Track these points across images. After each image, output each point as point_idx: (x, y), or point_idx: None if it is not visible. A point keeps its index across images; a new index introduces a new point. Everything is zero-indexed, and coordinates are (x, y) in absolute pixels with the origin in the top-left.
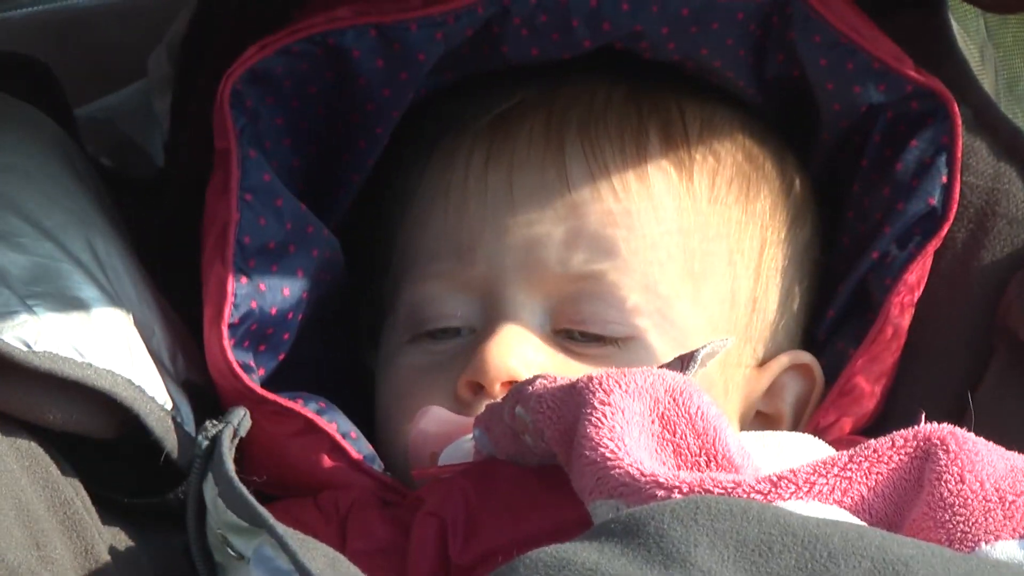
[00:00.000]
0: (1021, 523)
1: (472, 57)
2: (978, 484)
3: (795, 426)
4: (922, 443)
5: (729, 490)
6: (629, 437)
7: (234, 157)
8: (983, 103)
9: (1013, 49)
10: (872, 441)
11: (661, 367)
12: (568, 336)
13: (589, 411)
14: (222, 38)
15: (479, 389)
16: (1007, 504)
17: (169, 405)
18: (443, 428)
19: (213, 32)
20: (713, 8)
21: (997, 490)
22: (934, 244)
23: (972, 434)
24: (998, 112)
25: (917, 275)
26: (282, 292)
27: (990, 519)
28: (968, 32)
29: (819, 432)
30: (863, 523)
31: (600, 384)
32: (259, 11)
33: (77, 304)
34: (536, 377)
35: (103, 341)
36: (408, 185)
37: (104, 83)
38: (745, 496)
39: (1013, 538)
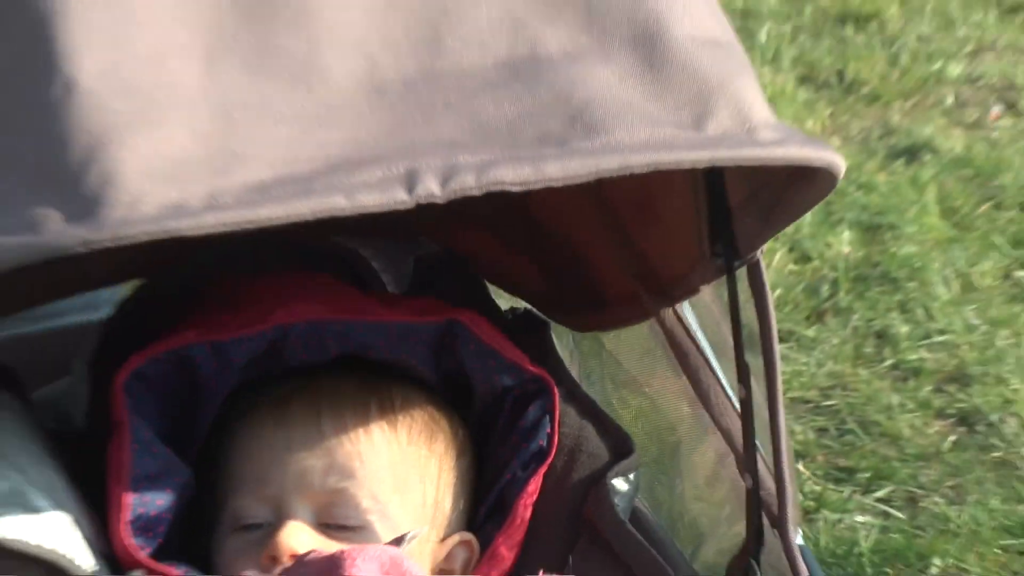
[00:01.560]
0: None
1: (265, 360)
2: None
3: None
4: None
5: None
6: None
7: (126, 424)
8: (571, 385)
9: (588, 354)
10: None
11: (385, 544)
12: (327, 527)
13: (342, 571)
14: (117, 354)
15: (275, 561)
16: None
17: (93, 567)
18: None
19: (112, 349)
20: (413, 330)
21: None
22: (543, 469)
23: None
24: (581, 391)
25: (534, 487)
26: (156, 503)
27: None
28: (562, 341)
29: None
30: None
31: (347, 554)
32: (142, 337)
33: (33, 510)
34: (310, 552)
35: (52, 531)
36: (228, 440)
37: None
38: None
39: None
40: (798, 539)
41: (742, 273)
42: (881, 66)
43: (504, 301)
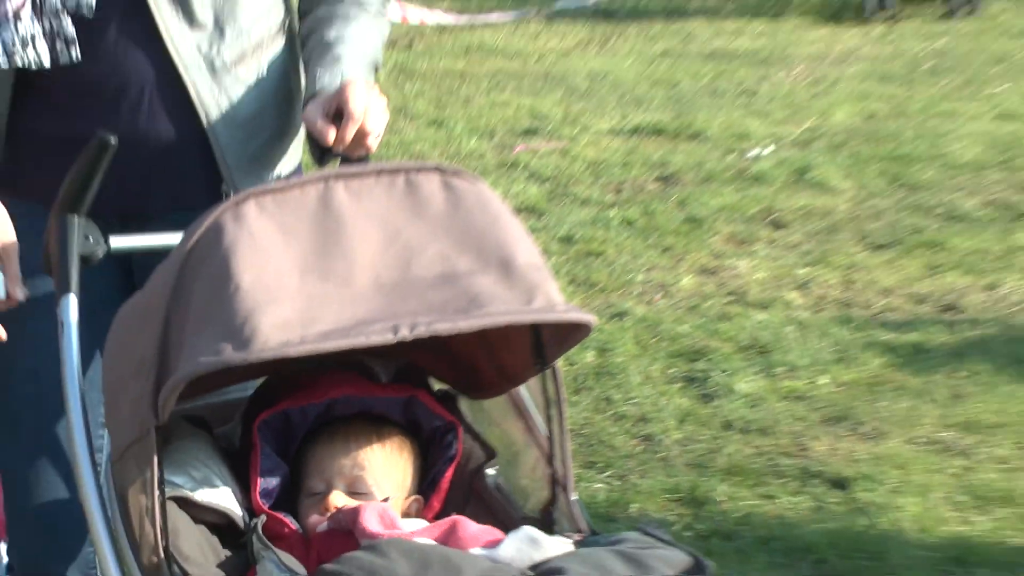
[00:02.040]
0: None
1: (325, 414)
2: None
3: None
4: None
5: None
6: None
7: (257, 445)
8: (467, 424)
9: (476, 408)
10: None
11: (380, 502)
12: (353, 494)
13: (359, 516)
14: (255, 412)
15: (327, 511)
16: None
17: (242, 516)
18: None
19: (253, 410)
20: (395, 401)
21: None
22: (454, 464)
23: None
24: (471, 426)
25: (449, 473)
26: (272, 483)
27: None
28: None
29: None
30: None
31: (361, 508)
32: (267, 403)
33: (215, 486)
34: (344, 506)
35: (224, 497)
36: (307, 452)
37: None
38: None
39: None
40: (574, 496)
41: (549, 372)
42: None
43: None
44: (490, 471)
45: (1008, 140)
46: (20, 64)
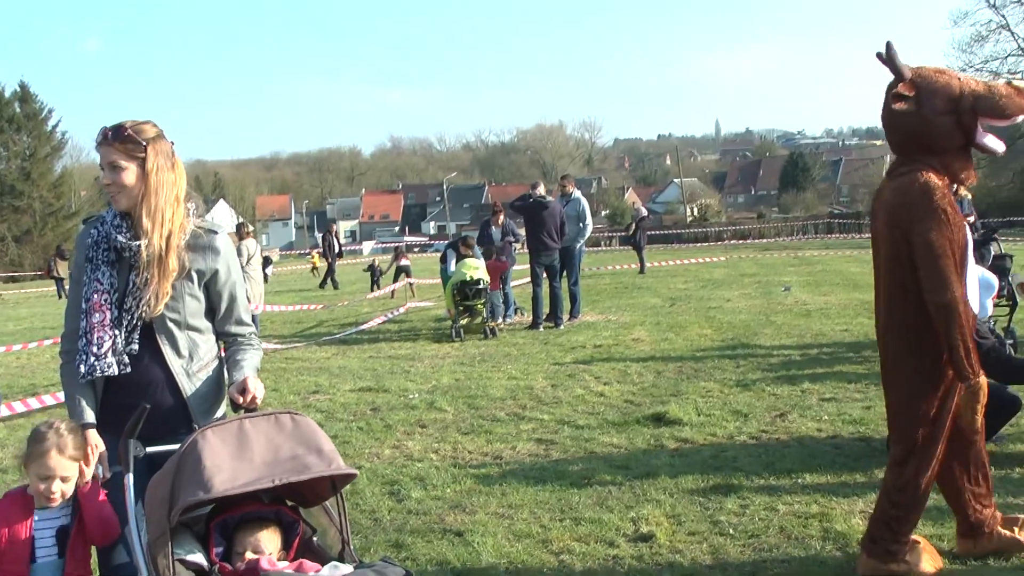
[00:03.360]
0: None
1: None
2: None
3: None
4: None
5: None
6: None
7: (212, 532)
8: (303, 522)
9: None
10: None
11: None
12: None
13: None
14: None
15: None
16: None
17: (208, 566)
18: None
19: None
20: (284, 516)
21: None
22: (298, 537)
23: None
24: (304, 521)
25: (297, 542)
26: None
27: None
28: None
29: None
30: None
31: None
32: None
33: (195, 552)
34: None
35: (199, 558)
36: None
37: None
38: None
39: None
40: (351, 547)
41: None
42: None
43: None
44: (314, 539)
45: (516, 387)
46: (102, 373)
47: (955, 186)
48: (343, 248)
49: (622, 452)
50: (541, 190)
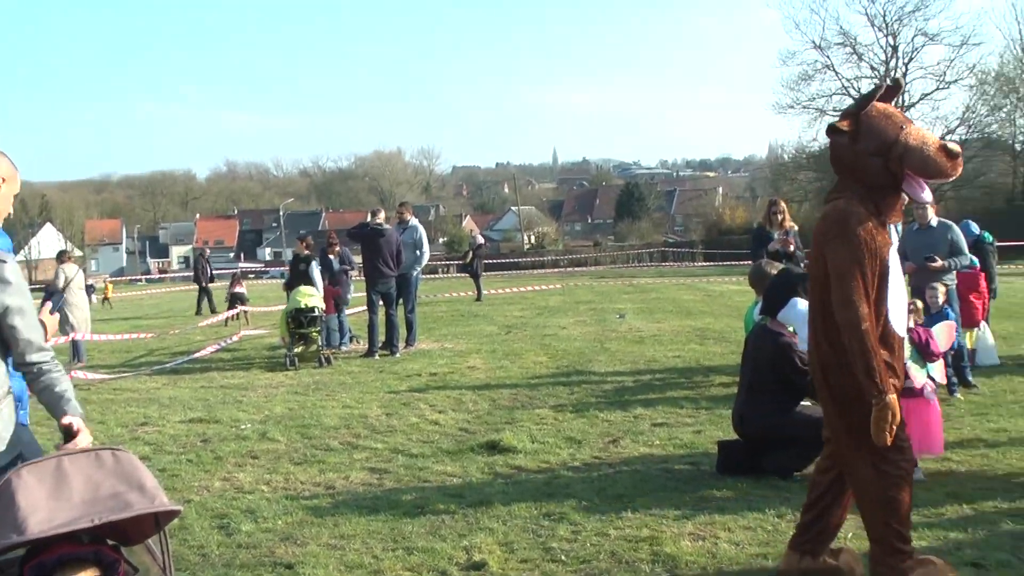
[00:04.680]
0: None
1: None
2: None
3: None
4: None
5: None
6: None
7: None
8: (127, 559)
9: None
10: None
11: None
12: None
13: None
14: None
15: None
16: None
17: None
18: None
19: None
20: (105, 555)
21: None
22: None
23: None
24: (128, 560)
25: None
26: None
27: None
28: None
29: None
30: None
31: None
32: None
33: None
34: None
35: None
36: None
37: None
38: None
39: None
40: None
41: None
42: None
43: None
44: None
45: (350, 416)
46: None
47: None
48: (214, 274)
49: (456, 480)
50: (381, 217)
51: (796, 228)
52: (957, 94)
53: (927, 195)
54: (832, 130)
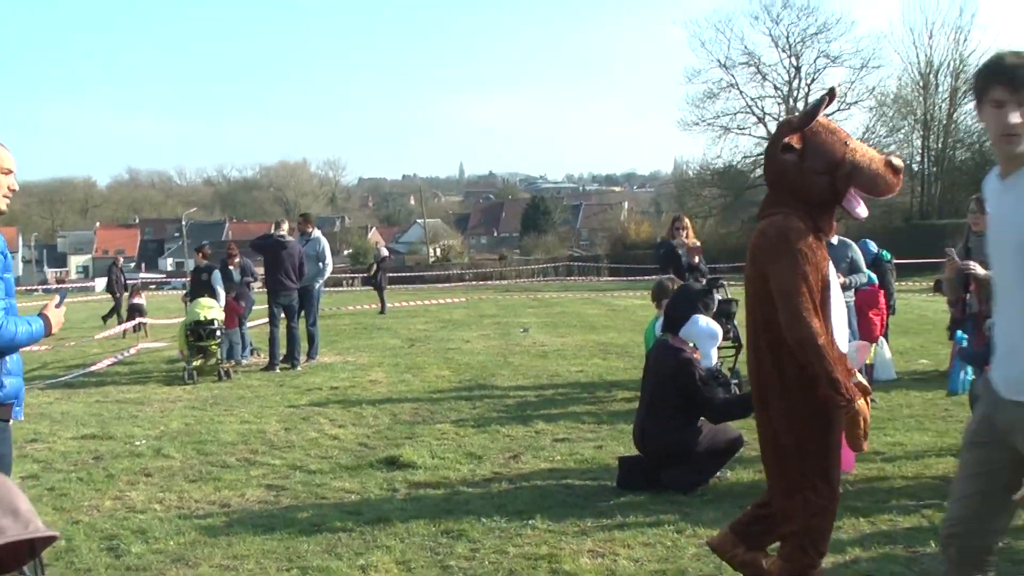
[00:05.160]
0: None
1: None
2: None
3: None
4: None
5: None
6: None
7: None
8: None
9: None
10: None
11: None
12: None
13: None
14: None
15: None
16: None
17: None
18: None
19: None
20: None
21: None
22: None
23: None
24: None
25: None
26: None
27: None
28: None
29: None
30: None
31: None
32: None
33: None
34: None
35: None
36: None
37: None
38: None
39: None
40: None
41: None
42: None
43: None
44: None
45: (248, 432)
46: None
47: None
48: (127, 282)
49: (354, 497)
50: (284, 229)
51: (699, 244)
52: (858, 115)
53: (863, 211)
54: (784, 148)
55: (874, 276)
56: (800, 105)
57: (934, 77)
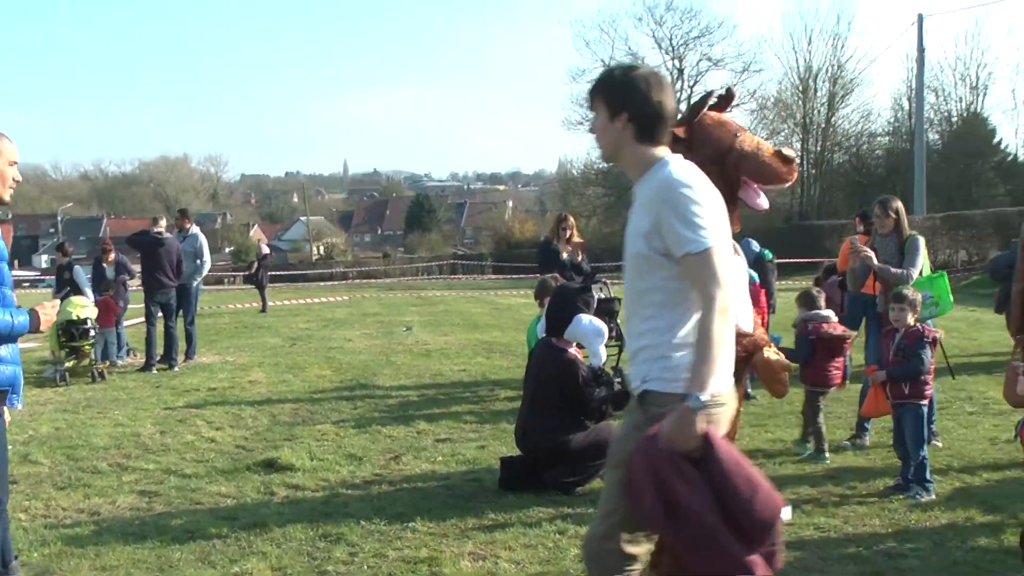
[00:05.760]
0: None
1: None
2: None
3: None
4: None
5: None
6: None
7: None
8: None
9: None
10: None
11: None
12: None
13: None
14: None
15: None
16: None
17: None
18: None
19: None
20: None
21: None
22: None
23: None
24: None
25: None
26: None
27: None
28: None
29: None
30: None
31: None
32: None
33: None
34: None
35: None
36: None
37: None
38: None
39: None
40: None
41: None
42: None
43: None
44: None
45: (122, 435)
46: None
47: None
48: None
49: (230, 502)
50: (162, 225)
51: (582, 241)
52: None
53: (764, 202)
54: (672, 139)
55: (756, 275)
56: (683, 107)
57: (813, 81)
